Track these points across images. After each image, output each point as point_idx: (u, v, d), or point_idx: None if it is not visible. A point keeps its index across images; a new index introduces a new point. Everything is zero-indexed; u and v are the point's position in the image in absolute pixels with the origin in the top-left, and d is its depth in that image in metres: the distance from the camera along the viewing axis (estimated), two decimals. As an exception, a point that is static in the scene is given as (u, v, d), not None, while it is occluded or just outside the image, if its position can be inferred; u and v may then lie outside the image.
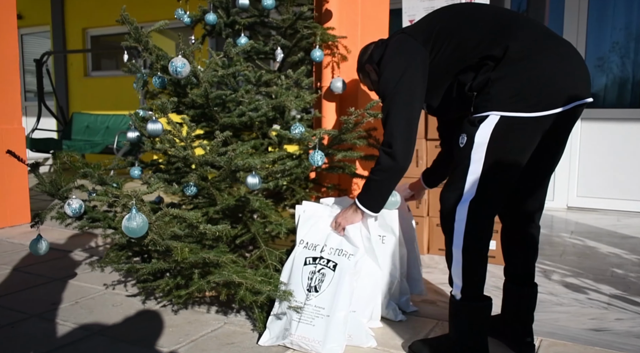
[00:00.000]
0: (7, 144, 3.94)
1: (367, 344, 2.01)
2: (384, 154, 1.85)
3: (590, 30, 4.85)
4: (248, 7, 2.31)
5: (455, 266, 1.78)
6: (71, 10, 7.83)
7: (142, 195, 1.55)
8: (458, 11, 1.88)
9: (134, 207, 1.56)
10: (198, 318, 2.29)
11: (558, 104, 1.63)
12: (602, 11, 4.82)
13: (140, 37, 2.20)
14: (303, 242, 2.08)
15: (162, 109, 1.75)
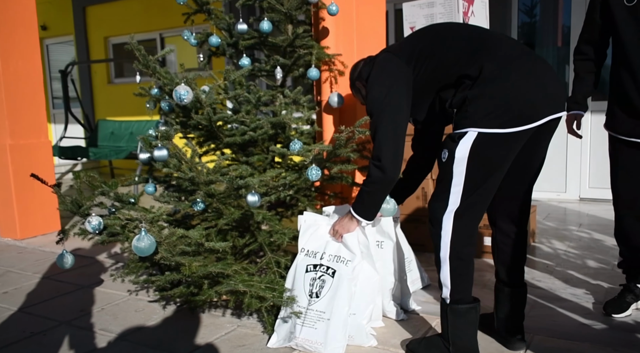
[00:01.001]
0: (35, 158, 4.18)
1: (367, 344, 2.16)
2: (374, 167, 1.97)
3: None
4: (247, 31, 2.46)
5: (444, 271, 1.91)
6: (93, 20, 8.11)
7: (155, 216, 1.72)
8: (437, 31, 2.00)
9: (144, 229, 1.74)
10: (213, 321, 2.47)
11: (532, 120, 1.74)
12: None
13: (148, 63, 2.38)
14: (304, 250, 2.23)
15: (167, 136, 1.92)
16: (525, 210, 2.05)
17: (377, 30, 2.79)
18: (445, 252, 1.89)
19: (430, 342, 2.06)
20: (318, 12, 2.59)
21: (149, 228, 1.74)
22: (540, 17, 5.31)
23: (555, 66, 5.23)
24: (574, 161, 4.98)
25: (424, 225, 3.38)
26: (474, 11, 3.35)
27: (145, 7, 7.46)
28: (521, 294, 2.08)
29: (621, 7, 2.15)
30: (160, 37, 7.63)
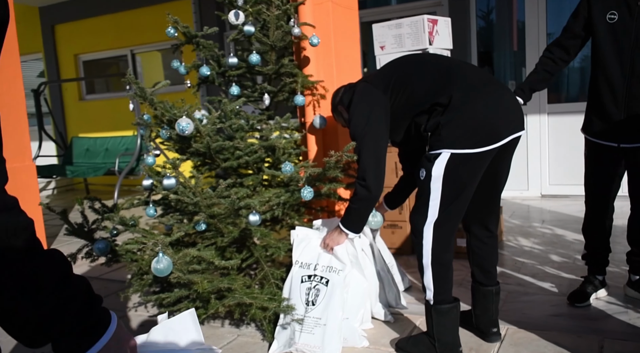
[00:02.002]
0: (20, 181, 4.26)
1: (360, 344, 2.39)
2: (359, 186, 2.22)
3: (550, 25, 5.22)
4: (237, 63, 2.66)
5: (427, 276, 2.17)
6: (62, 38, 8.12)
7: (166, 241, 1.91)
8: (409, 64, 2.26)
9: (161, 252, 1.93)
10: (214, 332, 2.65)
11: (496, 140, 2.02)
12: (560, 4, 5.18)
13: (146, 95, 2.55)
14: (298, 262, 2.45)
15: (174, 166, 2.11)
16: (495, 216, 2.33)
17: (353, 57, 3.04)
18: (427, 259, 2.14)
19: (417, 339, 2.31)
20: (300, 43, 2.82)
21: (165, 251, 1.93)
22: (497, 23, 5.64)
23: (512, 69, 5.57)
24: (535, 160, 5.34)
25: (400, 230, 3.65)
26: (438, 30, 3.63)
27: (115, 24, 7.52)
28: (495, 292, 2.35)
29: (603, 24, 2.42)
30: (131, 53, 7.70)
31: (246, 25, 2.57)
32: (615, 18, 2.39)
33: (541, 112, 5.25)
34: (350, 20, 3.13)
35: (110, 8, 7.45)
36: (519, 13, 5.40)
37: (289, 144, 2.50)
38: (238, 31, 2.63)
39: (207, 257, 2.06)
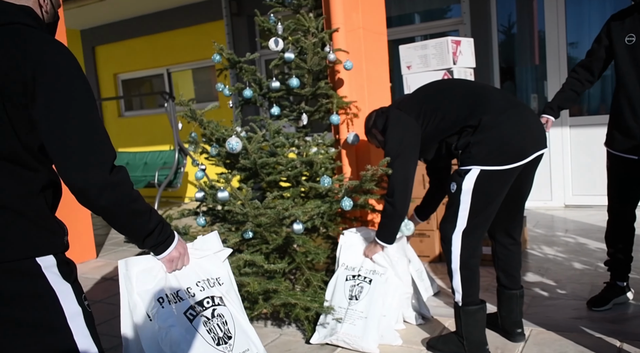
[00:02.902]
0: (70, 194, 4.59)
1: (395, 342, 2.61)
2: (387, 202, 2.49)
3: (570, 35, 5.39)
4: (279, 88, 2.94)
5: (455, 280, 2.38)
6: (102, 58, 8.59)
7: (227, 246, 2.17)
8: (438, 91, 2.50)
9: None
10: (259, 331, 2.89)
11: (522, 158, 2.24)
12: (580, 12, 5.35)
13: (195, 116, 2.84)
14: (344, 265, 2.70)
15: (227, 180, 2.38)
16: (518, 225, 2.53)
17: (383, 78, 3.30)
18: (456, 264, 2.35)
19: (447, 338, 2.52)
20: (334, 66, 3.08)
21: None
22: (518, 37, 5.79)
23: (534, 82, 5.74)
24: (558, 171, 5.49)
25: (428, 239, 3.85)
26: (462, 51, 3.85)
27: (152, 44, 7.94)
28: (519, 295, 2.55)
29: (622, 45, 2.63)
30: (167, 72, 8.10)
31: (286, 53, 2.84)
32: (633, 40, 2.59)
33: (563, 125, 5.40)
34: (380, 44, 3.38)
35: (147, 30, 7.87)
36: (539, 24, 5.56)
37: (326, 160, 2.75)
38: (279, 58, 2.90)
39: (257, 261, 2.32)
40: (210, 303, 1.69)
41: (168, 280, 1.62)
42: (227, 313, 1.71)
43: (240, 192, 2.45)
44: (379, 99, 3.29)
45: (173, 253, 1.55)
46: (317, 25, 2.97)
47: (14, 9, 1.25)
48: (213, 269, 1.75)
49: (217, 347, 1.64)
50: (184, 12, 7.43)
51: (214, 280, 1.73)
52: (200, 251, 1.73)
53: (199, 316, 1.64)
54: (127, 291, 1.59)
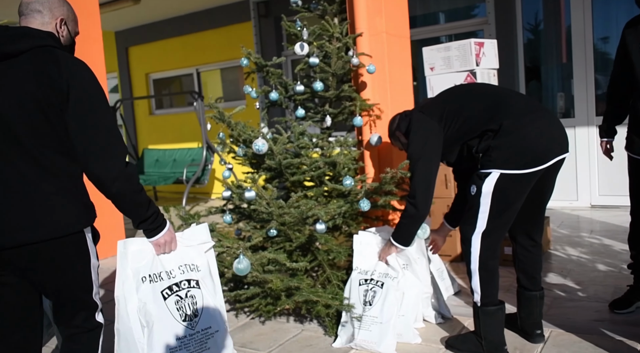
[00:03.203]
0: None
1: (414, 341, 2.68)
2: (409, 203, 2.52)
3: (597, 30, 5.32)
4: (303, 91, 3.03)
5: (474, 280, 2.43)
6: (135, 58, 8.83)
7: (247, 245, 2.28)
8: (461, 94, 2.54)
9: (242, 254, 2.30)
10: (281, 327, 3.00)
11: (542, 163, 2.27)
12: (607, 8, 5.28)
13: (223, 118, 2.95)
14: (358, 269, 2.76)
15: (253, 180, 2.49)
16: (539, 227, 2.57)
17: (405, 81, 3.36)
18: (475, 265, 2.40)
19: (465, 337, 2.57)
20: (357, 70, 3.15)
21: (245, 253, 2.30)
22: (544, 35, 5.74)
23: (560, 81, 5.69)
24: (584, 171, 5.44)
25: (450, 239, 3.89)
26: (485, 52, 3.88)
27: (182, 45, 8.13)
28: (539, 297, 2.58)
29: (636, 52, 2.64)
30: (196, 72, 8.29)
31: (311, 57, 2.93)
32: None
33: (589, 124, 5.35)
34: (403, 47, 3.44)
35: (178, 31, 8.07)
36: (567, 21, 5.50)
37: (348, 161, 2.82)
38: (304, 62, 3.00)
39: (280, 259, 2.42)
40: (187, 285, 2.03)
41: (154, 262, 1.98)
42: (200, 295, 2.04)
43: (266, 191, 2.55)
44: (401, 101, 3.35)
45: (161, 239, 1.92)
46: (341, 30, 3.05)
47: (44, 34, 1.59)
48: (195, 256, 2.08)
49: (182, 322, 1.99)
50: (213, 14, 7.60)
51: (193, 266, 2.07)
52: (187, 240, 2.08)
53: (174, 295, 1.99)
54: (121, 265, 1.95)
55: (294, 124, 2.82)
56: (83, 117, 1.56)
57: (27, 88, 1.51)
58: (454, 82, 3.74)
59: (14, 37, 1.54)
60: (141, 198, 1.73)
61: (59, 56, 1.55)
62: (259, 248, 3.02)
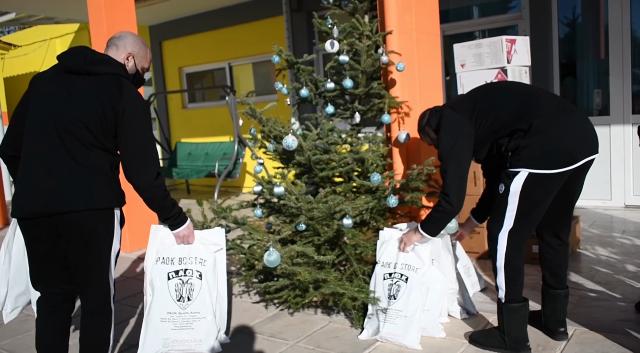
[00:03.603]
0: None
1: (438, 335, 2.73)
2: (443, 200, 2.53)
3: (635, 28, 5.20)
4: (333, 88, 3.09)
5: (499, 277, 2.46)
6: (168, 52, 9.03)
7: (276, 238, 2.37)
8: (492, 93, 2.56)
9: (272, 246, 2.39)
10: (309, 318, 3.08)
11: (572, 163, 2.29)
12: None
13: (255, 114, 3.04)
14: (380, 261, 2.82)
15: (283, 176, 2.58)
16: (566, 227, 2.58)
17: (435, 78, 3.38)
18: (500, 262, 2.44)
19: (489, 333, 2.61)
20: (387, 68, 3.20)
21: (275, 246, 2.39)
22: (581, 30, 5.62)
23: (597, 78, 5.58)
24: (618, 170, 5.35)
25: (478, 236, 3.91)
26: (516, 49, 3.86)
27: (215, 39, 8.28)
28: (564, 295, 2.59)
29: None
30: (229, 66, 8.43)
31: (341, 55, 2.99)
32: None
33: (625, 122, 5.26)
34: (432, 45, 3.46)
35: (210, 25, 8.21)
36: (606, 16, 5.38)
37: (377, 158, 2.88)
38: (334, 60, 3.06)
39: (308, 252, 2.50)
40: (190, 273, 2.49)
41: (172, 249, 2.48)
42: (198, 285, 2.50)
43: (295, 187, 2.63)
44: (430, 99, 3.37)
45: (180, 233, 2.40)
46: (371, 28, 3.09)
47: (117, 64, 2.10)
48: (204, 253, 2.51)
49: (176, 301, 2.48)
50: (245, 8, 7.70)
51: (201, 260, 2.51)
52: (202, 238, 2.52)
53: (176, 278, 2.48)
54: (150, 244, 2.49)
55: (323, 121, 2.89)
56: (129, 136, 2.02)
57: (95, 101, 1.99)
58: (484, 80, 3.74)
59: (98, 62, 2.04)
60: (166, 202, 2.19)
61: (123, 84, 2.04)
62: (288, 241, 3.10)
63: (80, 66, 2.01)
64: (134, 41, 2.19)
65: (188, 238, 2.43)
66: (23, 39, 11.29)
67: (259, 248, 2.72)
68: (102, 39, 4.71)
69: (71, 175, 1.99)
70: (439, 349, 2.61)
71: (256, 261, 2.90)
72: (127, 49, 2.17)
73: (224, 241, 2.56)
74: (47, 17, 8.32)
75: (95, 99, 1.99)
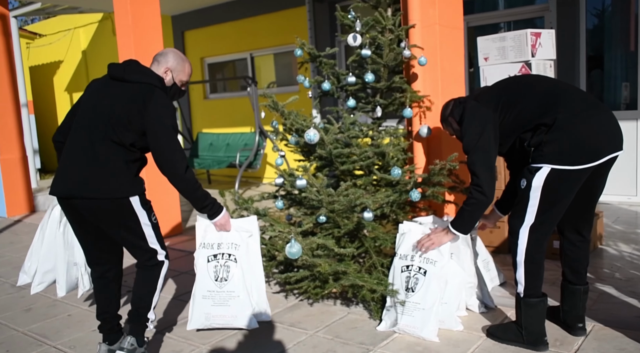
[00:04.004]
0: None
1: (456, 328, 2.75)
2: (476, 191, 2.50)
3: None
4: (355, 82, 3.11)
5: (519, 272, 2.47)
6: (190, 42, 9.10)
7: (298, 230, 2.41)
8: (517, 86, 2.54)
9: (293, 239, 2.43)
10: (328, 309, 3.13)
11: (594, 159, 2.28)
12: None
13: (277, 107, 3.08)
14: (398, 254, 2.84)
15: (304, 169, 2.61)
16: (588, 223, 2.57)
17: (458, 73, 3.37)
18: (521, 257, 2.44)
19: (506, 327, 2.62)
20: (409, 61, 3.20)
21: (296, 238, 2.43)
22: (611, 22, 5.50)
23: (625, 71, 5.47)
24: (644, 166, 5.27)
25: (498, 230, 3.90)
26: (541, 43, 3.82)
27: (236, 30, 8.31)
28: (583, 291, 2.59)
29: None
30: (250, 56, 8.47)
31: (363, 49, 3.00)
32: None
33: (652, 117, 5.16)
34: (456, 39, 3.44)
35: (232, 15, 8.25)
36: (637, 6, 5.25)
37: (397, 152, 2.90)
38: (356, 54, 3.07)
39: (329, 245, 2.54)
40: (226, 257, 2.79)
41: (213, 235, 2.80)
42: (234, 267, 2.78)
43: (316, 180, 2.66)
44: (452, 93, 3.36)
45: (217, 222, 2.68)
46: (394, 21, 3.09)
47: (154, 75, 2.41)
48: (238, 239, 2.79)
49: (214, 281, 2.79)
50: (267, -1, 7.72)
51: (235, 245, 2.79)
52: (237, 226, 2.79)
53: (215, 261, 2.79)
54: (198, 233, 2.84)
55: (345, 115, 2.92)
56: (155, 138, 2.31)
57: (126, 104, 2.30)
58: (508, 73, 3.71)
59: (134, 72, 2.38)
60: (198, 194, 2.47)
61: (155, 93, 2.33)
62: (308, 233, 3.15)
63: (119, 74, 2.37)
64: (173, 57, 2.51)
65: (225, 227, 2.71)
66: (47, 28, 11.48)
67: (280, 240, 2.77)
68: (127, 30, 4.78)
69: (95, 167, 2.30)
70: (456, 342, 2.63)
71: (277, 252, 2.95)
72: (166, 64, 2.48)
73: (256, 228, 2.79)
74: (71, 7, 8.45)
75: (127, 102, 2.30)
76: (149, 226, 2.42)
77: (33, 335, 3.04)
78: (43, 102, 11.59)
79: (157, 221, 2.50)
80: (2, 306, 3.54)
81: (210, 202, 2.54)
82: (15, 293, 3.79)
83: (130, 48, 4.79)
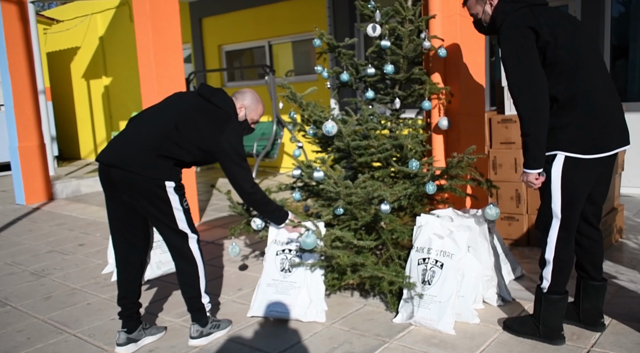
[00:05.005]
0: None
1: (472, 321, 2.76)
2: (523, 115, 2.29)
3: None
4: (374, 73, 3.10)
5: (547, 269, 2.45)
6: (208, 30, 9.10)
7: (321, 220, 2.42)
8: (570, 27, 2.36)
9: (310, 230, 2.44)
10: (345, 301, 3.15)
11: (604, 151, 2.28)
12: None
13: (295, 98, 3.08)
14: (415, 246, 2.85)
15: (322, 161, 2.62)
16: (599, 216, 2.56)
17: (478, 64, 3.33)
18: (550, 255, 2.43)
19: (523, 320, 2.62)
20: (429, 53, 3.17)
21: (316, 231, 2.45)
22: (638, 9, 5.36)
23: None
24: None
25: (517, 223, 3.88)
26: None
27: (254, 17, 8.29)
28: (601, 287, 2.57)
29: None
30: (268, 44, 8.45)
31: (382, 41, 2.98)
32: None
33: (676, 108, 5.06)
34: (477, 29, 3.39)
35: (250, 2, 8.22)
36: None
37: (416, 144, 2.89)
38: (375, 45, 3.05)
39: (347, 238, 2.55)
40: (292, 252, 2.99)
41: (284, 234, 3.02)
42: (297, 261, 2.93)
43: (334, 171, 2.67)
44: (473, 85, 3.33)
45: (283, 228, 2.96)
46: (414, 11, 3.06)
47: (232, 106, 2.73)
48: None
49: (279, 271, 3.00)
50: (286, -14, 7.67)
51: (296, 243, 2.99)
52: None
53: (282, 254, 3.01)
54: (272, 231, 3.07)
55: (363, 107, 2.91)
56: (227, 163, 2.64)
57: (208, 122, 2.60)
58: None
59: (217, 97, 2.70)
60: (266, 207, 2.82)
61: (231, 119, 2.69)
62: (326, 225, 3.17)
63: (207, 94, 2.71)
64: (249, 97, 2.82)
65: (290, 230, 2.98)
66: (64, 14, 11.47)
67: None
68: (145, 16, 4.78)
69: (146, 152, 2.54)
70: (472, 335, 2.64)
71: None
72: (242, 102, 2.79)
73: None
74: (88, -7, 8.47)
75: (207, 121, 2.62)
76: (180, 211, 2.61)
77: (53, 323, 3.11)
78: (60, 89, 11.64)
79: (189, 207, 2.67)
80: (23, 294, 3.62)
81: (277, 215, 2.87)
82: (34, 281, 3.88)
83: (148, 34, 4.80)
